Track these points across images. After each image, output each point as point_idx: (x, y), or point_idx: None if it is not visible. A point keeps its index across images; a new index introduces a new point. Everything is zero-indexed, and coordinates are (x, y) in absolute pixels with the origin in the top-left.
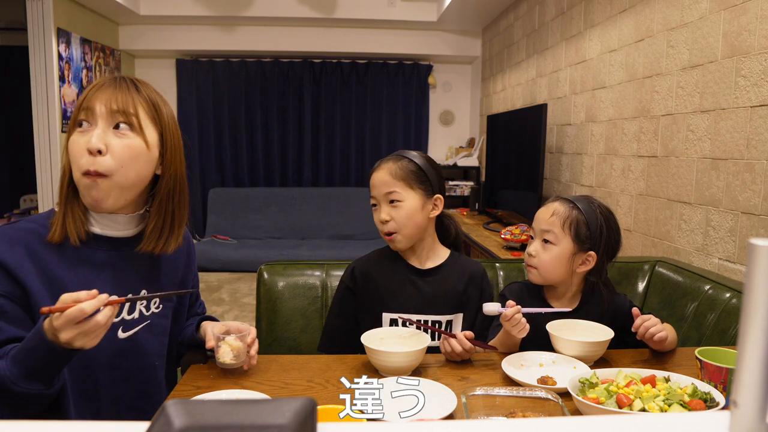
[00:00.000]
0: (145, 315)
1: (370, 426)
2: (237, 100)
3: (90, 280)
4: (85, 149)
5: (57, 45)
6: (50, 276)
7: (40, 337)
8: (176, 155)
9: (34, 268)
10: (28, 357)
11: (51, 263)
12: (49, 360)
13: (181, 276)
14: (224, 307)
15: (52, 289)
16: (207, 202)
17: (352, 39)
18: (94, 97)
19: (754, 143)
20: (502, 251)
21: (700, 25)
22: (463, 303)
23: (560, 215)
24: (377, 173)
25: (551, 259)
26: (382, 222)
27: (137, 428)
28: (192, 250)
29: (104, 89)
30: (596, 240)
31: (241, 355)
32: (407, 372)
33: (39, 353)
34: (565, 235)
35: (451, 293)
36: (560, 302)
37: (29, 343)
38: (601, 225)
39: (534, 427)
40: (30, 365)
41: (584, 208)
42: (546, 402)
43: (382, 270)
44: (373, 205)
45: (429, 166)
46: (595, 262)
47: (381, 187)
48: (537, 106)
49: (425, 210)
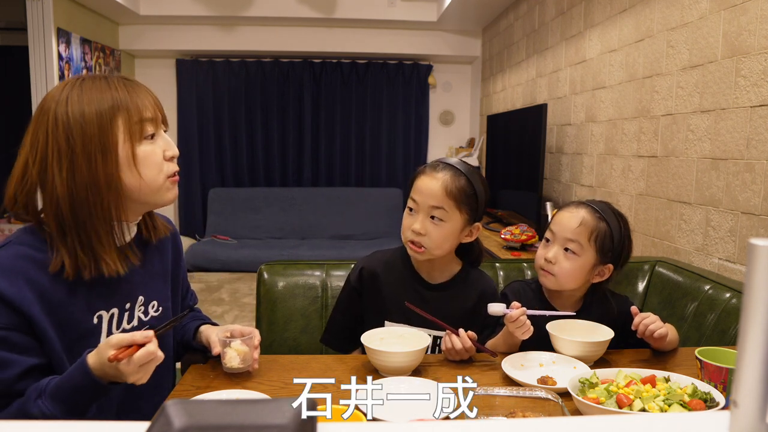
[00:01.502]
0: (144, 321)
1: (370, 426)
2: (237, 100)
3: (88, 299)
4: (171, 156)
5: (57, 45)
6: (50, 302)
7: (86, 377)
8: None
9: (35, 297)
10: (72, 395)
11: (50, 290)
12: (94, 397)
13: (171, 274)
14: (224, 307)
15: (54, 315)
16: (207, 202)
17: (352, 39)
18: (144, 106)
19: (754, 143)
20: (502, 251)
21: (700, 25)
22: (472, 321)
23: (588, 226)
24: (431, 182)
25: (572, 269)
26: (416, 232)
27: (137, 428)
28: (179, 244)
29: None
30: (617, 254)
31: (248, 359)
32: (407, 372)
33: (85, 391)
34: (590, 247)
35: (460, 311)
36: (562, 304)
37: (73, 381)
38: (624, 239)
39: (534, 427)
40: (74, 402)
41: (610, 221)
42: (546, 402)
43: (391, 277)
44: (410, 208)
45: (482, 191)
46: (611, 274)
47: (430, 198)
48: (537, 106)
49: (462, 234)
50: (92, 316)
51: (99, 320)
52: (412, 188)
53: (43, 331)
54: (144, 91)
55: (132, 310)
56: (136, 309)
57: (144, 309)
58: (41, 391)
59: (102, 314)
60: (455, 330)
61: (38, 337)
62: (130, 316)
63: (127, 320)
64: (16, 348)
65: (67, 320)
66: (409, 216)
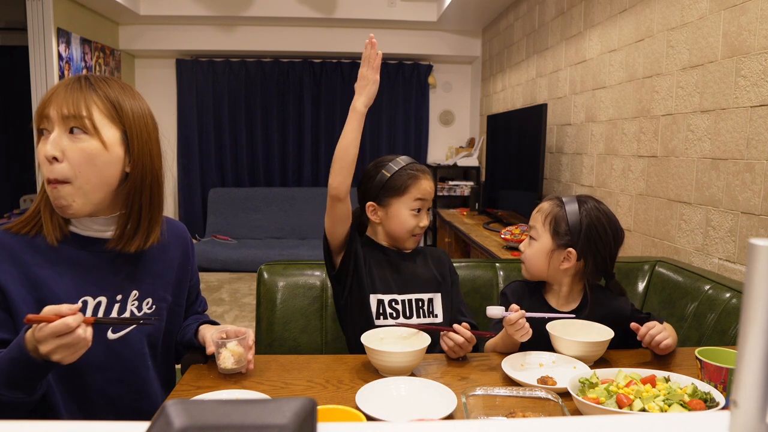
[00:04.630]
0: (137, 315)
1: (370, 426)
2: (237, 100)
3: (76, 282)
4: (44, 157)
5: (57, 45)
6: (35, 279)
7: (20, 349)
8: (145, 151)
9: (16, 272)
10: (8, 367)
11: (35, 266)
12: (29, 371)
13: (175, 276)
14: (224, 307)
15: (37, 292)
16: (207, 202)
17: (352, 39)
18: (49, 103)
19: (754, 143)
20: (502, 251)
21: (700, 25)
22: (440, 283)
23: (543, 211)
24: (429, 183)
25: (533, 253)
26: (423, 228)
27: (137, 428)
28: (190, 249)
29: (57, 94)
30: (575, 237)
31: (242, 360)
32: (407, 372)
33: (19, 364)
34: (545, 231)
35: (428, 275)
36: (558, 301)
37: (10, 353)
38: (582, 222)
39: (534, 427)
40: (10, 375)
41: (568, 206)
42: (546, 402)
43: (373, 255)
44: (418, 209)
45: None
46: (576, 259)
47: (430, 197)
48: (537, 106)
49: None
50: (76, 300)
51: (84, 305)
52: (410, 191)
53: (19, 308)
54: (68, 89)
55: (124, 302)
56: (128, 302)
57: (138, 304)
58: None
59: (88, 300)
60: (450, 328)
61: (12, 315)
62: (121, 308)
63: (117, 311)
64: None
65: (50, 299)
66: (415, 216)
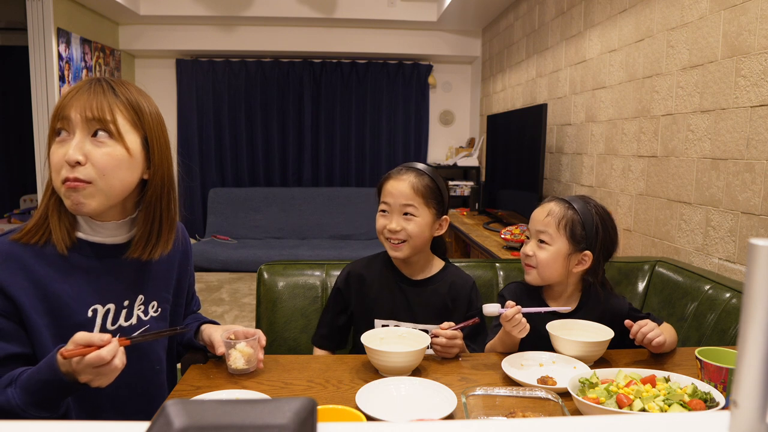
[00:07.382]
0: (144, 320)
1: (370, 426)
2: (237, 100)
3: (85, 291)
4: (65, 161)
5: (57, 45)
6: (45, 290)
7: (53, 372)
8: (163, 157)
9: (27, 283)
10: (40, 388)
11: (45, 277)
12: (61, 393)
13: (176, 276)
14: (224, 307)
15: (48, 303)
16: (207, 202)
17: (352, 39)
18: (70, 105)
19: (754, 143)
20: (502, 251)
21: (700, 25)
22: (450, 313)
23: (555, 215)
24: (398, 183)
25: (547, 258)
26: (393, 231)
27: (137, 428)
28: (189, 249)
29: (79, 95)
30: (592, 240)
31: (252, 360)
32: (407, 372)
33: (52, 386)
34: (560, 236)
35: (438, 304)
36: (558, 302)
37: (41, 375)
38: (597, 225)
39: (534, 427)
40: (41, 396)
41: (580, 208)
42: (546, 402)
43: (375, 277)
44: (383, 211)
45: (444, 188)
46: (591, 262)
47: (400, 198)
48: (537, 106)
49: (433, 228)
50: (87, 309)
51: (94, 314)
52: (381, 194)
53: (31, 319)
54: (90, 92)
55: (131, 308)
56: (135, 308)
57: (144, 308)
58: (13, 379)
59: (97, 308)
60: (433, 333)
61: (25, 326)
62: (128, 313)
63: (124, 318)
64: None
65: (61, 310)
66: (382, 218)
